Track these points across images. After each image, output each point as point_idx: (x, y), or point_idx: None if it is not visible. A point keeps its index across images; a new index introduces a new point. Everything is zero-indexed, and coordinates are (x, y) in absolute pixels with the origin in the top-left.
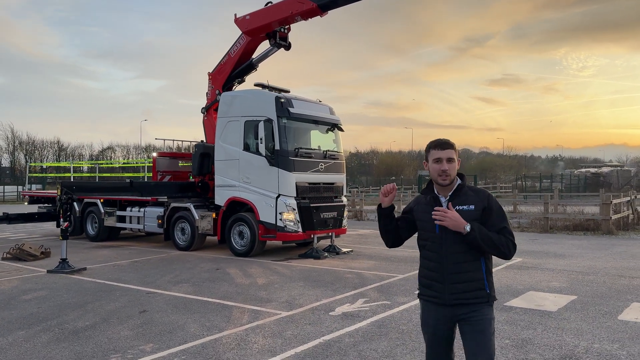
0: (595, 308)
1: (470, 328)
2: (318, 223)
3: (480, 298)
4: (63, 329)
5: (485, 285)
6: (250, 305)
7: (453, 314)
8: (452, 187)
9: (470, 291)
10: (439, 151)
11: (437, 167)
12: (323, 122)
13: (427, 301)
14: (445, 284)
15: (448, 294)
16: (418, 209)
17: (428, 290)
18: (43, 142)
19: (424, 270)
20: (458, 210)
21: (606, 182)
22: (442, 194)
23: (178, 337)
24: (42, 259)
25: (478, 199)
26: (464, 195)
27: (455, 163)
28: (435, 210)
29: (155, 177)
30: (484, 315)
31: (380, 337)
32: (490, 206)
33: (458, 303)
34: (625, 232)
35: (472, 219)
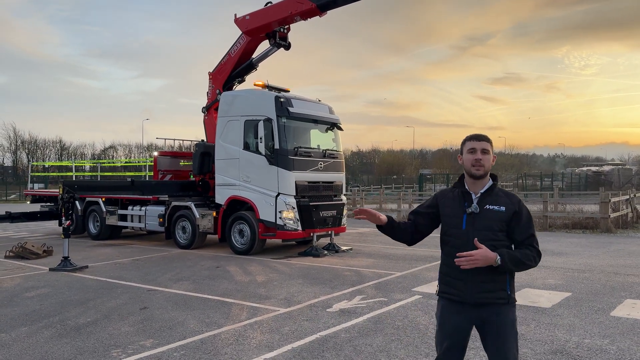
0: (589, 304)
1: (492, 332)
2: (317, 221)
3: (502, 299)
4: (65, 325)
5: (507, 286)
6: (249, 302)
7: (474, 314)
8: (484, 183)
9: (492, 291)
10: (474, 142)
11: (471, 157)
12: (322, 121)
13: (448, 300)
14: (467, 282)
15: (470, 293)
16: (444, 203)
17: (449, 289)
18: (45, 141)
19: (446, 267)
20: (488, 209)
21: (607, 181)
22: (473, 190)
23: (178, 333)
24: (45, 257)
25: (509, 201)
26: (495, 195)
27: (489, 156)
28: (460, 260)
29: (156, 176)
30: (505, 317)
31: (375, 332)
32: (520, 212)
33: (479, 302)
34: (624, 231)
35: (501, 221)
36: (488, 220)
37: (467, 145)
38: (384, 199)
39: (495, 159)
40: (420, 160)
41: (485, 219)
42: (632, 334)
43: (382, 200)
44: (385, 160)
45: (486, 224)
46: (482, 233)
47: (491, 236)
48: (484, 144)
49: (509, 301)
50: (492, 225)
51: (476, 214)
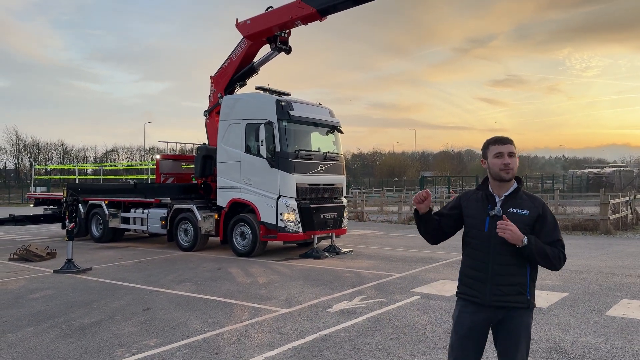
0: (585, 304)
1: (505, 335)
2: (318, 223)
3: (521, 303)
4: (70, 326)
5: (527, 291)
6: (251, 302)
7: (492, 316)
8: (508, 186)
9: (512, 294)
10: (500, 146)
11: (498, 161)
12: (323, 124)
13: (467, 301)
14: (487, 284)
15: (489, 295)
16: (468, 205)
17: (469, 290)
18: (47, 144)
19: (467, 269)
20: (511, 212)
21: (609, 183)
22: (497, 192)
23: (180, 333)
24: (48, 260)
25: (533, 205)
26: (519, 198)
27: (516, 158)
28: (499, 222)
29: (158, 179)
30: (521, 321)
31: (374, 332)
32: (544, 215)
33: (498, 305)
34: (624, 232)
35: (524, 224)
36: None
37: (493, 150)
38: (385, 201)
39: (518, 160)
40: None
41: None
42: (626, 332)
43: (383, 203)
44: (386, 162)
45: None
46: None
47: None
48: (510, 147)
49: (529, 306)
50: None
51: (499, 217)
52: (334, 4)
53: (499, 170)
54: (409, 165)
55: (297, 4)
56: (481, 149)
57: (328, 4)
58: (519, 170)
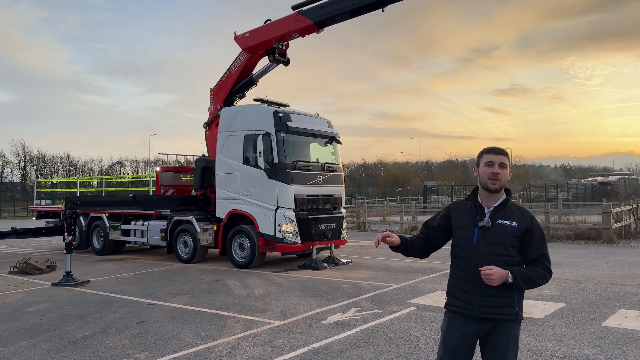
0: (582, 315)
1: (492, 347)
2: (317, 234)
3: (508, 315)
4: (63, 339)
5: (515, 303)
6: (245, 315)
7: (480, 328)
8: (497, 197)
9: (500, 306)
10: (492, 155)
11: (488, 170)
12: (321, 135)
13: (455, 313)
14: (475, 295)
15: (477, 306)
16: (457, 215)
17: (457, 301)
18: (53, 157)
19: (455, 280)
20: (500, 224)
21: (614, 191)
22: (487, 204)
23: (172, 346)
24: (48, 273)
25: (522, 217)
26: (508, 210)
27: (506, 170)
28: (483, 273)
29: (158, 191)
30: (509, 333)
31: (367, 344)
32: (532, 229)
33: (486, 317)
34: (627, 241)
35: (513, 236)
36: (499, 235)
37: (485, 158)
38: (387, 212)
39: (511, 173)
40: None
41: (497, 234)
42: (622, 343)
43: (386, 213)
44: (390, 172)
45: (497, 239)
46: (493, 247)
47: (502, 251)
48: (502, 158)
49: (517, 318)
50: (503, 241)
51: (488, 228)
52: (331, 16)
53: (487, 179)
54: (413, 175)
55: (294, 17)
56: (476, 157)
57: (325, 16)
58: (523, 179)
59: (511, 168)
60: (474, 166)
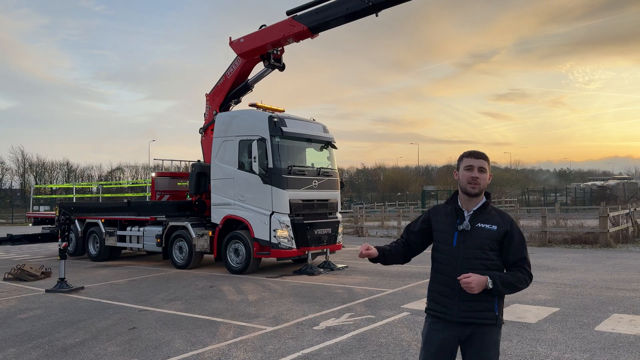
0: (575, 319)
1: (473, 351)
2: (312, 239)
3: (489, 319)
4: (53, 346)
5: (495, 307)
6: (238, 321)
7: (460, 332)
8: (477, 201)
9: (480, 310)
10: (472, 159)
11: (467, 174)
12: (316, 140)
13: (435, 317)
14: (455, 300)
15: (457, 311)
16: (437, 219)
17: (437, 306)
18: (53, 163)
19: (435, 284)
20: (479, 227)
21: (612, 195)
22: (466, 207)
23: (162, 353)
24: (43, 279)
25: (502, 221)
26: (487, 213)
27: (486, 174)
28: (462, 282)
29: (154, 197)
30: (489, 338)
31: (358, 349)
32: (512, 232)
33: (466, 321)
34: (624, 245)
35: (492, 240)
36: (479, 238)
37: (465, 162)
38: (386, 216)
39: (491, 177)
40: (425, 177)
41: (477, 238)
42: (613, 348)
43: (384, 218)
44: (389, 177)
45: (477, 243)
46: (473, 251)
47: (482, 255)
48: (481, 162)
49: (497, 322)
50: (482, 244)
51: (467, 232)
52: (325, 21)
53: (466, 183)
54: (412, 180)
55: (288, 22)
56: (457, 161)
57: (319, 21)
58: (522, 183)
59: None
60: (454, 170)
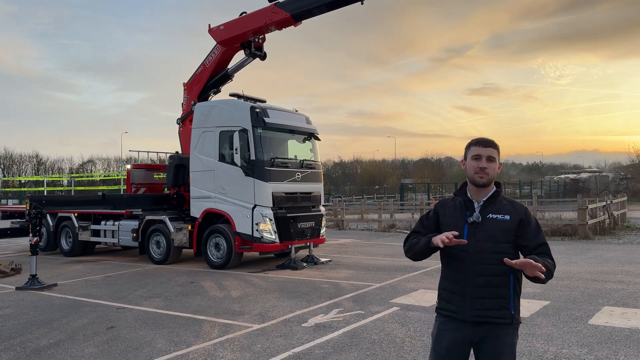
0: (567, 313)
1: (487, 354)
2: (295, 233)
3: (504, 318)
4: (25, 348)
5: (511, 305)
6: (222, 319)
7: (472, 333)
8: (487, 191)
9: (494, 309)
10: (480, 148)
11: (475, 164)
12: (299, 131)
13: (446, 317)
14: (467, 298)
15: (469, 309)
16: (445, 212)
17: (448, 305)
18: (21, 156)
19: (446, 282)
20: (491, 218)
21: (585, 188)
22: (476, 198)
23: (144, 354)
24: (13, 276)
25: (514, 209)
26: (498, 203)
27: (495, 164)
28: (530, 265)
29: (129, 190)
30: (505, 340)
31: (350, 347)
32: (528, 219)
33: (479, 321)
34: (602, 237)
35: (506, 230)
36: (491, 230)
37: (472, 151)
38: (365, 209)
39: (501, 167)
40: (402, 170)
41: (488, 229)
42: (610, 342)
43: (363, 211)
44: (367, 170)
45: (489, 235)
46: (485, 244)
47: (495, 247)
48: (490, 151)
49: (512, 322)
50: (495, 236)
51: (478, 224)
52: (309, 9)
53: (473, 174)
54: (389, 173)
55: (271, 9)
56: (464, 149)
57: (302, 8)
58: (498, 177)
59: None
60: (462, 159)
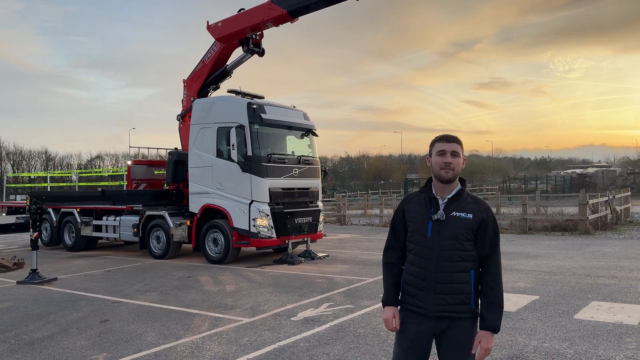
0: (554, 307)
1: (449, 347)
2: (292, 228)
3: (465, 313)
4: (19, 340)
5: (472, 300)
6: (214, 312)
7: (435, 326)
8: (452, 188)
9: (455, 304)
10: (444, 144)
11: (440, 159)
12: (297, 127)
13: (409, 311)
14: (430, 292)
15: (432, 305)
16: (410, 208)
17: (411, 299)
18: (31, 152)
19: (409, 276)
20: (454, 216)
21: (592, 183)
22: (441, 195)
23: (133, 346)
24: (15, 270)
25: (478, 209)
26: (463, 201)
27: (459, 159)
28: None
29: (130, 186)
30: (465, 332)
31: (335, 341)
32: (487, 222)
33: (441, 315)
34: (603, 232)
35: (468, 229)
36: (454, 228)
37: (437, 147)
38: (368, 205)
39: (465, 162)
40: (408, 165)
41: (452, 227)
42: (592, 337)
43: (367, 206)
44: (373, 165)
45: (452, 233)
46: (448, 242)
47: (457, 245)
48: (454, 146)
49: (473, 316)
50: (458, 234)
51: (442, 222)
52: (305, 5)
53: (439, 169)
54: (395, 169)
55: (267, 6)
56: (429, 146)
57: (299, 4)
58: (504, 171)
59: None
60: (427, 156)
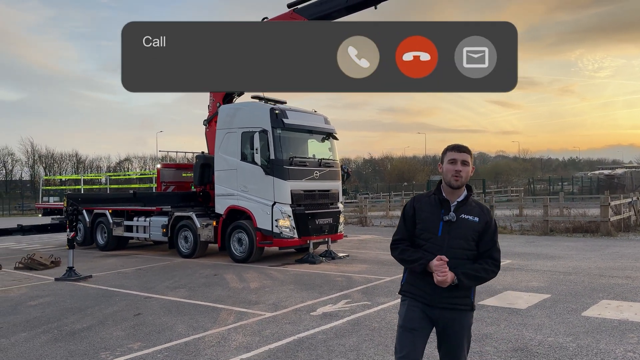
0: (564, 305)
1: (449, 334)
2: (313, 229)
3: (465, 305)
4: (61, 331)
5: (472, 294)
6: (239, 307)
7: (437, 316)
8: (459, 193)
9: (459, 297)
10: (455, 153)
11: (451, 167)
12: (317, 131)
13: (414, 299)
14: (437, 288)
15: (438, 297)
16: (422, 207)
17: (417, 290)
18: (62, 155)
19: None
20: (463, 218)
21: (620, 184)
22: (450, 199)
23: (165, 337)
24: (52, 268)
25: (482, 212)
26: (469, 206)
27: (469, 168)
28: (439, 268)
29: (159, 188)
30: (464, 322)
31: (351, 333)
32: (490, 223)
33: (445, 307)
34: (625, 234)
35: (474, 231)
36: (463, 229)
37: (448, 156)
38: (391, 206)
39: (473, 170)
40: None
41: (461, 228)
42: (596, 332)
43: (389, 207)
44: (396, 167)
45: (461, 233)
46: (457, 241)
47: (465, 245)
48: (464, 156)
49: (472, 308)
50: (466, 235)
51: (452, 222)
52: (326, 13)
53: (450, 177)
54: (419, 170)
55: (289, 15)
56: (441, 154)
57: (320, 13)
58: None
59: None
60: (438, 163)
